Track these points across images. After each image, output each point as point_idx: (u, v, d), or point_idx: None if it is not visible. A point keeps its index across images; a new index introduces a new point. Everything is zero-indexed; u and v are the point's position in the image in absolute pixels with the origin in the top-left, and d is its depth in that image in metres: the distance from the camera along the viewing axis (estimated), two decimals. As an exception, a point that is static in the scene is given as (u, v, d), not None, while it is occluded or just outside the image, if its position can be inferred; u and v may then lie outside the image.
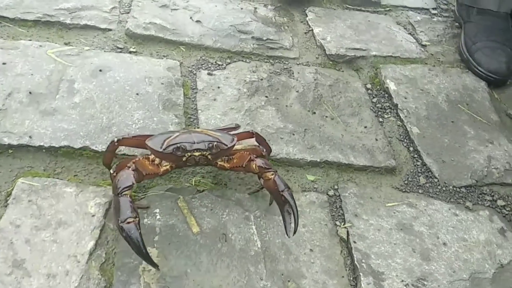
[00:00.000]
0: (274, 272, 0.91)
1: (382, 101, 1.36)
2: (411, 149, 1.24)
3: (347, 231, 1.01)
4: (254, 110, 1.23)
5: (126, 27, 1.38)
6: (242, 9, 1.56)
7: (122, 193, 0.82)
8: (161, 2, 1.49)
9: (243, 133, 1.06)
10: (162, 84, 1.22)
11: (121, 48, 1.32)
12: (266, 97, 1.28)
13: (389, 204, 1.09)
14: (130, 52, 1.32)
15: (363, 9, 1.71)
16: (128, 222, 0.79)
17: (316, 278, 0.91)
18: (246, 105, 1.24)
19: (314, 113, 1.27)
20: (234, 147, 0.97)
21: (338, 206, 1.07)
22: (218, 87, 1.27)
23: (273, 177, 0.93)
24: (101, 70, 1.21)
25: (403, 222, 1.06)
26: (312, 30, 1.55)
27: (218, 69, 1.33)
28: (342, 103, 1.31)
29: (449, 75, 1.48)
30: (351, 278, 0.94)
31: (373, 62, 1.48)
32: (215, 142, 0.92)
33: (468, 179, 1.19)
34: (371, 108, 1.33)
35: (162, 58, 1.32)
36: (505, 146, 1.29)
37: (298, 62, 1.43)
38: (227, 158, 0.97)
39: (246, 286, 0.88)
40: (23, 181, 0.95)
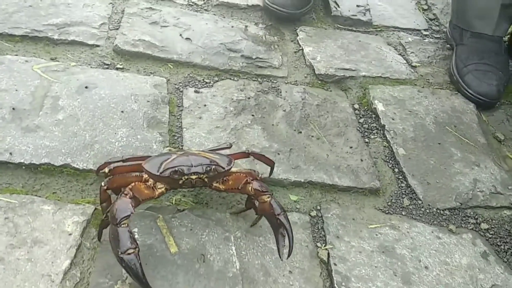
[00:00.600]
0: (251, 294, 0.90)
1: (369, 121, 1.36)
2: (396, 170, 1.24)
3: (328, 253, 1.01)
4: (240, 129, 1.23)
5: (114, 44, 1.38)
6: (233, 27, 1.56)
7: (121, 223, 0.82)
8: (151, 19, 1.50)
9: (239, 153, 1.06)
10: (148, 101, 1.22)
11: (108, 64, 1.32)
12: (253, 115, 1.28)
13: (371, 225, 1.09)
14: (117, 68, 1.32)
15: (354, 29, 1.72)
16: (128, 253, 0.80)
17: (293, 301, 0.91)
18: (232, 123, 1.24)
19: (300, 132, 1.26)
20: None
21: (320, 227, 1.06)
22: (205, 105, 1.27)
23: (269, 200, 0.93)
24: (86, 87, 1.21)
25: (385, 244, 1.05)
26: (302, 49, 1.55)
27: (205, 86, 1.34)
28: (328, 123, 1.31)
29: (438, 97, 1.48)
30: (329, 302, 0.93)
31: (362, 82, 1.48)
32: (213, 165, 0.92)
33: (452, 202, 1.19)
34: (358, 128, 1.32)
35: (149, 75, 1.32)
36: (491, 169, 1.28)
37: (286, 81, 1.43)
38: (223, 180, 0.97)
39: (221, 309, 0.87)
40: (1, 198, 0.95)
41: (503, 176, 1.28)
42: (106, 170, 0.94)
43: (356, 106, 1.40)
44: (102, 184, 0.91)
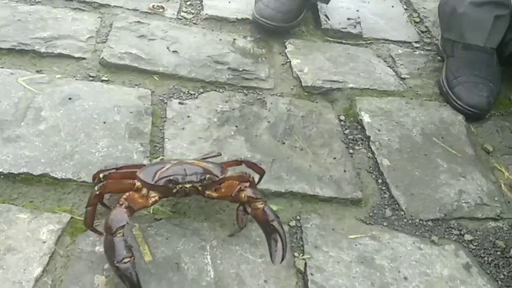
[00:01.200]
0: (224, 303, 0.89)
1: (355, 132, 1.36)
2: (380, 181, 1.23)
3: (305, 263, 1.00)
4: (222, 140, 1.23)
5: (100, 56, 1.40)
6: (220, 40, 1.58)
7: (116, 232, 0.83)
8: (139, 33, 1.51)
9: (231, 161, 1.09)
10: (131, 112, 1.23)
11: (93, 76, 1.34)
12: (236, 126, 1.28)
13: (351, 236, 1.08)
14: (102, 80, 1.33)
15: (344, 41, 1.72)
16: (124, 262, 0.82)
17: (265, 310, 0.90)
18: (214, 134, 1.24)
19: (284, 143, 1.27)
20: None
21: (298, 237, 1.05)
22: (188, 116, 1.28)
23: (262, 206, 0.95)
24: (70, 98, 1.22)
25: (365, 255, 1.04)
26: (290, 61, 1.56)
27: (189, 98, 1.34)
28: (313, 134, 1.31)
29: (426, 108, 1.48)
30: (303, 311, 0.92)
31: (349, 94, 1.48)
32: (207, 174, 0.95)
33: (436, 213, 1.18)
34: (343, 139, 1.32)
35: (134, 87, 1.33)
36: (478, 180, 1.27)
37: (272, 93, 1.44)
38: (216, 188, 0.98)
39: (191, 317, 0.87)
40: (-24, 206, 0.96)
41: (490, 187, 1.26)
42: (101, 175, 0.95)
43: (342, 118, 1.40)
44: (96, 188, 0.92)
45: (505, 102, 1.59)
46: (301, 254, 1.01)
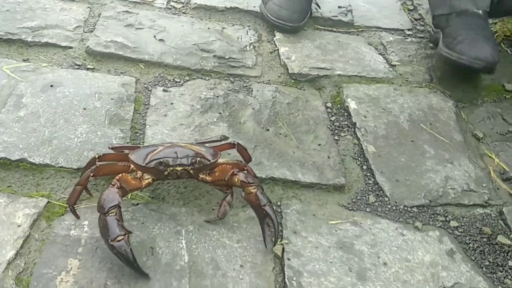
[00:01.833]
0: (198, 287, 0.89)
1: (341, 119, 1.35)
2: (365, 167, 1.22)
3: (283, 248, 0.99)
4: (204, 126, 1.22)
5: (86, 45, 1.40)
6: (209, 28, 1.57)
7: (109, 212, 0.85)
8: (126, 22, 1.51)
9: (225, 144, 1.10)
10: (112, 99, 1.23)
11: (79, 65, 1.34)
12: (220, 113, 1.27)
13: (332, 221, 1.07)
14: (88, 68, 1.33)
15: (335, 30, 1.71)
16: (118, 240, 0.84)
17: (239, 294, 0.89)
18: (197, 121, 1.23)
19: (268, 130, 1.26)
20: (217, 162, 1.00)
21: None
22: (171, 103, 1.27)
23: (255, 191, 0.96)
24: (52, 86, 1.22)
25: (344, 240, 1.03)
26: (278, 49, 1.55)
27: (174, 86, 1.34)
28: (298, 121, 1.30)
29: (415, 95, 1.46)
30: (278, 296, 0.91)
31: (336, 81, 1.46)
32: (198, 158, 0.96)
33: (421, 199, 1.16)
34: (328, 126, 1.31)
35: (119, 75, 1.33)
36: (465, 166, 1.26)
37: (259, 81, 1.43)
38: (209, 172, 1.00)
39: (163, 300, 0.86)
40: (-49, 191, 0.96)
41: (478, 174, 1.25)
42: (96, 156, 0.98)
43: (328, 105, 1.39)
44: (89, 170, 0.94)
45: (498, 88, 1.57)
46: (279, 240, 1.01)
